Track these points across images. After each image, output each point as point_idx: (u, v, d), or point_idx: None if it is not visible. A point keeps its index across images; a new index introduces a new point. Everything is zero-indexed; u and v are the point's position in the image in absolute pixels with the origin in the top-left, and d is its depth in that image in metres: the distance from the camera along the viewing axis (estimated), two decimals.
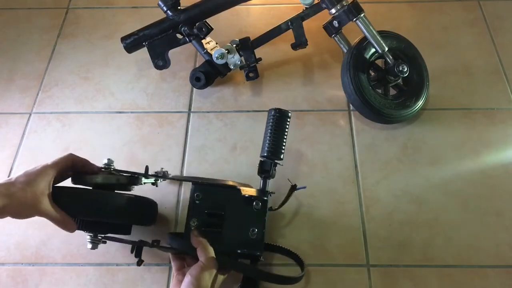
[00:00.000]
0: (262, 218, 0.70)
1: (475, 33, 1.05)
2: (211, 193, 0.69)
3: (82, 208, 0.63)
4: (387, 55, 0.86)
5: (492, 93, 0.95)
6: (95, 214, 0.63)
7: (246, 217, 0.69)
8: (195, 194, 0.69)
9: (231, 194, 0.69)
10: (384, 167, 0.85)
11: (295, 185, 0.76)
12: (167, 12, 0.88)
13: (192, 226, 0.67)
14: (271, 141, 0.73)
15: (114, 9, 1.14)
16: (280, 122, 0.74)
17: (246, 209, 0.69)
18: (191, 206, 0.68)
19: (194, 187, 0.69)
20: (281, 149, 0.73)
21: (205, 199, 0.68)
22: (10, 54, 1.05)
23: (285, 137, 0.74)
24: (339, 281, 0.73)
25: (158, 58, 0.91)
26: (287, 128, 0.74)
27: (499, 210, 0.79)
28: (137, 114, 0.94)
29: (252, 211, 0.69)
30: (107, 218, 0.64)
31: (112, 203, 0.64)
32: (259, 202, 0.70)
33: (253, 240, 0.68)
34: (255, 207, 0.69)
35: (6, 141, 0.91)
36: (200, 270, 0.60)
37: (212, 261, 0.62)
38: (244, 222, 0.69)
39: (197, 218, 0.67)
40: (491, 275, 0.73)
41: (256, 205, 0.69)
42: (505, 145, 0.87)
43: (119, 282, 0.74)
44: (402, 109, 0.86)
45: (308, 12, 0.87)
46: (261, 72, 0.98)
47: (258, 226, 0.69)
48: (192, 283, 0.59)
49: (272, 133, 0.73)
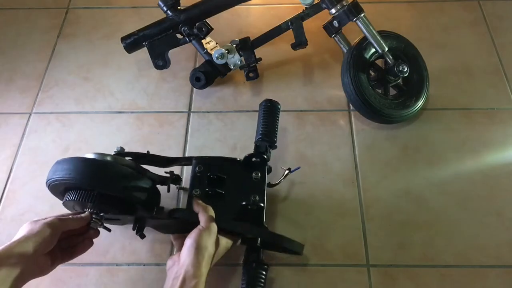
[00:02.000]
0: (262, 187, 0.72)
1: (475, 33, 1.05)
2: (212, 164, 0.73)
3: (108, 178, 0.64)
4: (387, 55, 0.86)
5: (492, 93, 0.95)
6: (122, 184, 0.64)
7: (246, 185, 0.72)
8: (196, 167, 0.72)
9: (231, 165, 0.74)
10: (384, 167, 0.85)
11: (289, 168, 0.78)
12: (167, 12, 0.88)
13: (195, 195, 0.69)
14: (264, 126, 0.77)
15: (114, 9, 1.14)
16: (272, 111, 0.79)
17: (246, 178, 0.72)
18: (192, 178, 0.72)
19: (195, 161, 0.73)
20: (274, 133, 0.76)
21: (206, 170, 0.72)
22: (10, 54, 1.05)
23: (277, 124, 0.78)
24: (339, 281, 0.73)
25: (158, 58, 0.91)
26: (278, 117, 0.79)
27: (499, 210, 0.79)
28: (137, 114, 0.94)
29: (251, 180, 0.72)
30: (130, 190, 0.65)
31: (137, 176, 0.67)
32: (258, 172, 0.73)
33: (254, 203, 0.71)
34: (255, 177, 0.72)
35: (6, 141, 0.91)
36: (199, 232, 0.62)
37: (211, 221, 0.63)
38: (245, 189, 0.71)
39: (199, 188, 0.70)
40: (491, 275, 0.73)
41: (255, 175, 0.72)
42: (505, 145, 0.87)
43: (119, 282, 0.74)
44: (402, 109, 0.86)
45: (308, 12, 0.87)
46: (261, 72, 0.98)
47: (259, 194, 0.71)
48: (192, 244, 0.60)
49: (265, 119, 0.77)
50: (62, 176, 0.63)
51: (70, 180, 0.63)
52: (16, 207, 0.82)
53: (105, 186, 0.64)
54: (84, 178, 0.63)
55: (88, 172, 0.63)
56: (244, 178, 0.73)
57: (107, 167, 0.66)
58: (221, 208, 0.68)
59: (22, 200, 0.83)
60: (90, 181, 0.63)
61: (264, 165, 0.74)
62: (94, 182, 0.63)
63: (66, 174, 0.63)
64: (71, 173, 0.63)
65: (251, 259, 0.69)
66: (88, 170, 0.63)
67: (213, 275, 0.73)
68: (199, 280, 0.58)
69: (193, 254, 0.59)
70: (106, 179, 0.64)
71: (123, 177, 0.65)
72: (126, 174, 0.65)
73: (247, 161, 0.74)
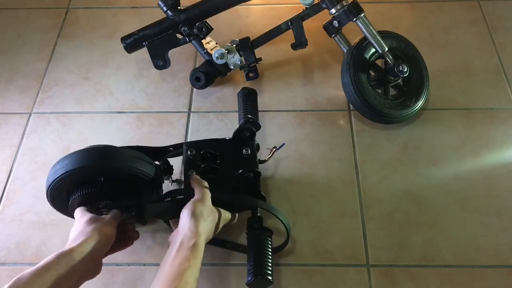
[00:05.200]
0: (254, 160, 0.74)
1: (475, 33, 1.05)
2: (202, 146, 0.75)
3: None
4: (387, 55, 0.86)
5: (492, 93, 0.95)
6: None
7: (239, 161, 0.74)
8: (188, 150, 0.74)
9: (221, 144, 0.76)
10: (384, 167, 0.85)
11: (274, 147, 0.81)
12: (167, 12, 0.88)
13: (190, 175, 0.70)
14: (246, 109, 0.79)
15: (114, 9, 1.14)
16: (250, 97, 0.81)
17: (237, 154, 0.74)
18: (186, 161, 0.73)
19: (186, 146, 0.74)
20: (256, 114, 0.79)
21: (198, 152, 0.74)
22: (10, 54, 1.05)
23: (257, 108, 0.80)
24: (339, 281, 0.73)
25: (158, 58, 0.91)
26: (256, 102, 0.81)
27: (499, 210, 0.79)
28: (137, 114, 0.94)
29: (243, 156, 0.74)
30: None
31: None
32: (248, 148, 0.74)
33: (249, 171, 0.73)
34: (245, 154, 0.74)
35: (6, 141, 0.91)
36: (192, 201, 0.64)
37: (204, 191, 0.66)
38: (238, 164, 0.73)
39: (193, 168, 0.72)
40: (491, 275, 0.73)
41: (246, 151, 0.74)
42: (505, 145, 0.87)
43: (119, 282, 0.74)
44: (402, 109, 0.86)
45: (308, 12, 0.87)
46: (261, 72, 0.98)
47: (252, 165, 0.73)
48: (187, 213, 0.62)
49: (245, 104, 0.80)
50: (66, 170, 0.62)
51: (75, 171, 0.62)
52: (16, 207, 0.82)
53: (112, 165, 0.64)
54: (90, 162, 0.63)
55: (94, 156, 0.63)
56: (236, 154, 0.74)
57: (110, 149, 0.67)
58: (218, 182, 0.70)
59: (22, 200, 0.83)
60: (97, 163, 0.63)
61: (253, 138, 0.76)
62: (101, 163, 0.63)
63: (70, 167, 0.62)
64: (74, 163, 0.62)
65: (254, 227, 0.70)
66: (92, 155, 0.64)
67: (212, 276, 0.74)
68: (197, 240, 0.59)
69: (188, 220, 0.61)
70: (112, 159, 0.64)
71: (129, 155, 0.66)
72: (130, 153, 0.67)
73: (237, 135, 0.75)
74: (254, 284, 0.65)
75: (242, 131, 0.75)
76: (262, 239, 0.68)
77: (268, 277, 0.64)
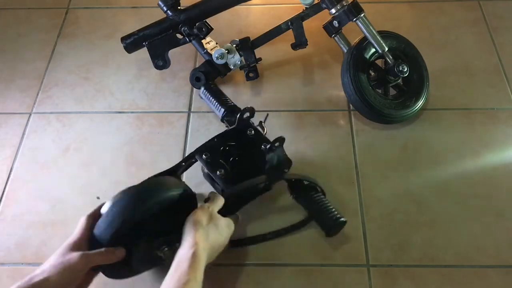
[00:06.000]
0: (261, 135, 0.78)
1: (475, 33, 1.05)
2: (213, 145, 0.76)
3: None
4: (387, 55, 0.86)
5: (492, 93, 0.95)
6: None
7: (251, 142, 0.76)
8: (203, 155, 0.74)
9: (227, 137, 0.77)
10: (384, 167, 0.85)
11: (260, 121, 0.82)
12: (167, 12, 0.88)
13: (220, 175, 0.72)
14: (220, 103, 0.83)
15: (114, 9, 1.14)
16: (214, 90, 0.85)
17: (245, 138, 0.77)
18: (207, 165, 0.74)
19: (198, 154, 0.75)
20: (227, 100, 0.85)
21: (214, 153, 0.75)
22: (10, 54, 1.05)
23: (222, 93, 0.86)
24: (339, 281, 0.73)
25: (158, 58, 0.91)
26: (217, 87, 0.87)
27: (499, 210, 0.79)
28: (137, 114, 0.94)
29: (250, 137, 0.77)
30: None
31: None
32: (251, 129, 0.77)
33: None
34: (250, 134, 0.77)
35: (6, 141, 0.91)
36: (194, 211, 0.63)
37: (205, 201, 0.68)
38: (252, 144, 0.76)
39: (219, 168, 0.73)
40: (491, 275, 0.73)
41: (250, 132, 0.77)
42: (505, 145, 0.87)
43: (119, 282, 0.73)
44: (402, 109, 0.86)
45: (308, 12, 0.87)
46: (261, 72, 0.98)
47: (265, 141, 0.76)
48: (187, 221, 0.62)
49: (216, 97, 0.84)
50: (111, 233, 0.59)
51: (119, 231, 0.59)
52: (16, 207, 0.82)
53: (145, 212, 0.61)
54: (131, 215, 0.60)
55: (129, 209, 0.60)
56: (244, 138, 0.77)
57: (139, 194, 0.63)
58: (251, 166, 0.74)
59: (22, 200, 0.83)
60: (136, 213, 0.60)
61: (250, 119, 0.79)
62: (137, 213, 0.60)
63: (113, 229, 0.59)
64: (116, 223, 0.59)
65: (302, 188, 0.75)
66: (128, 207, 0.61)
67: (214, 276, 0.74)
68: (196, 249, 0.57)
69: (188, 228, 0.61)
70: (144, 203, 0.61)
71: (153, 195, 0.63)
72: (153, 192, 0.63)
73: (239, 121, 0.78)
74: (334, 232, 0.73)
75: (242, 114, 0.77)
76: (315, 195, 0.74)
77: (342, 219, 0.72)
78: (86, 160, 0.88)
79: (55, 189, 0.84)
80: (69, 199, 0.83)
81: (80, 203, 0.82)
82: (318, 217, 0.74)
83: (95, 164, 0.87)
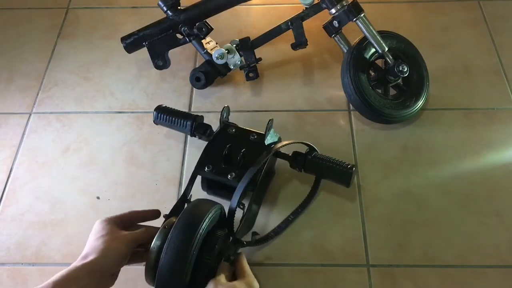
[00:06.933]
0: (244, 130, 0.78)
1: (475, 33, 1.05)
2: (209, 155, 0.75)
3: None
4: (387, 55, 0.86)
5: (492, 93, 0.95)
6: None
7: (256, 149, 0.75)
8: (205, 168, 0.73)
9: (222, 139, 0.76)
10: (384, 167, 0.85)
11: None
12: (167, 12, 0.89)
13: (232, 177, 0.71)
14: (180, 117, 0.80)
15: (114, 9, 1.14)
16: (170, 110, 0.82)
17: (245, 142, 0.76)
18: (215, 175, 0.72)
19: (199, 172, 0.73)
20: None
21: (214, 163, 0.73)
22: (10, 54, 1.05)
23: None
24: (339, 281, 0.73)
25: (158, 58, 0.91)
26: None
27: (499, 210, 0.79)
28: (137, 114, 0.94)
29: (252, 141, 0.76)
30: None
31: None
32: (254, 135, 0.76)
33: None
34: (252, 139, 0.76)
35: (6, 141, 0.91)
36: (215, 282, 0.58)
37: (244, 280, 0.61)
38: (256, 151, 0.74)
39: (229, 172, 0.72)
40: (491, 275, 0.73)
41: (252, 137, 0.76)
42: (505, 145, 0.87)
43: (119, 282, 0.73)
44: (402, 109, 0.86)
45: (308, 12, 0.87)
46: (261, 72, 0.98)
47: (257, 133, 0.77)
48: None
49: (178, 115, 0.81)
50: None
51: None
52: (16, 207, 0.82)
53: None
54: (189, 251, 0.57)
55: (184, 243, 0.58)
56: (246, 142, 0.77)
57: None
58: (253, 157, 0.72)
59: (22, 200, 0.83)
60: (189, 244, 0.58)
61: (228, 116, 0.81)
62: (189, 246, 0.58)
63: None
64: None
65: (305, 155, 0.74)
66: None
67: None
68: None
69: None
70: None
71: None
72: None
73: (222, 124, 0.79)
74: (349, 182, 0.72)
75: (222, 115, 0.79)
76: (317, 155, 0.74)
77: (349, 165, 0.72)
78: (86, 160, 0.88)
79: (55, 189, 0.84)
80: (69, 199, 0.83)
81: (80, 203, 0.82)
82: (331, 174, 0.73)
83: (95, 164, 0.87)
